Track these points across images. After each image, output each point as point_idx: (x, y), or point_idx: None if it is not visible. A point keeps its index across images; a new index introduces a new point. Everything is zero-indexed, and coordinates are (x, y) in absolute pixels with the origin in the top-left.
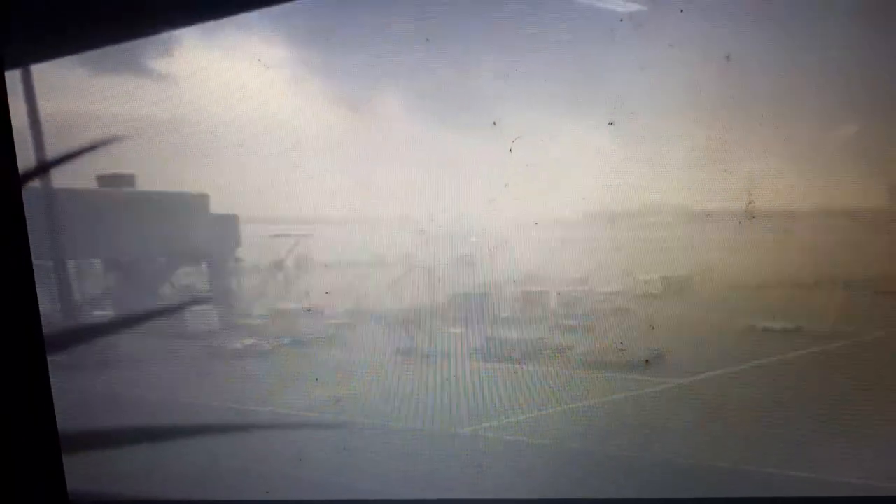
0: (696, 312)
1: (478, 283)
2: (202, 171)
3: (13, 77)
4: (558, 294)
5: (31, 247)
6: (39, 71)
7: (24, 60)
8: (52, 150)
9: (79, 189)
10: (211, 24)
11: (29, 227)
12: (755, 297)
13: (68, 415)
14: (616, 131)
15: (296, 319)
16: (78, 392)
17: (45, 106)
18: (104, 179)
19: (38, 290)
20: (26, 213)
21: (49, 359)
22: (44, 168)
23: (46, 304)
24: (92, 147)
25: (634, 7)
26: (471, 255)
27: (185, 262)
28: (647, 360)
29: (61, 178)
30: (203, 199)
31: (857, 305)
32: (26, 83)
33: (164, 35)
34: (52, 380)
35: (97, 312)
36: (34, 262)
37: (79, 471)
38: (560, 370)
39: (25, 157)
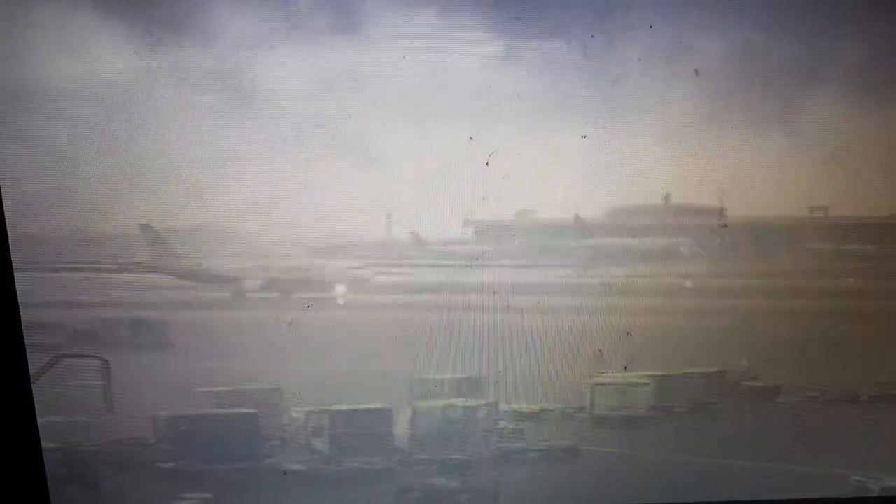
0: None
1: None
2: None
3: None
4: (537, 303)
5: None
6: None
7: None
8: None
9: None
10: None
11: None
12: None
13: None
14: (589, 144)
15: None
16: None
17: None
18: None
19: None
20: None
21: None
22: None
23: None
24: None
25: (606, 23)
26: (451, 265)
27: None
28: (625, 367)
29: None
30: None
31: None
32: None
33: None
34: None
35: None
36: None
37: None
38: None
39: None
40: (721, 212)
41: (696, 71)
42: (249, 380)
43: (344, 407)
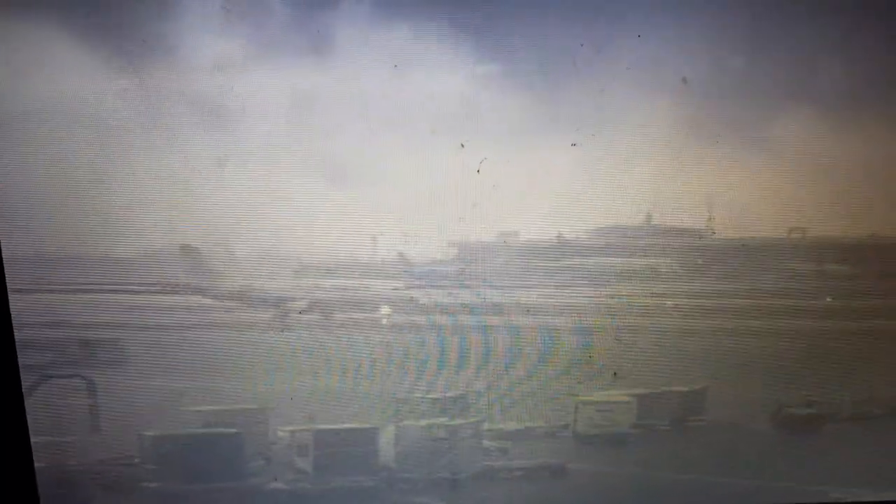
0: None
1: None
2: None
3: None
4: (528, 311)
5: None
6: None
7: None
8: None
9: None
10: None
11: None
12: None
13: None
14: (579, 152)
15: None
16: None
17: None
18: None
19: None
20: None
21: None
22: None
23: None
24: None
25: (594, 32)
26: (443, 273)
27: None
28: (614, 373)
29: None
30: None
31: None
32: None
33: None
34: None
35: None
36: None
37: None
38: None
39: None
40: (709, 219)
41: (683, 79)
42: (233, 399)
43: (328, 426)
